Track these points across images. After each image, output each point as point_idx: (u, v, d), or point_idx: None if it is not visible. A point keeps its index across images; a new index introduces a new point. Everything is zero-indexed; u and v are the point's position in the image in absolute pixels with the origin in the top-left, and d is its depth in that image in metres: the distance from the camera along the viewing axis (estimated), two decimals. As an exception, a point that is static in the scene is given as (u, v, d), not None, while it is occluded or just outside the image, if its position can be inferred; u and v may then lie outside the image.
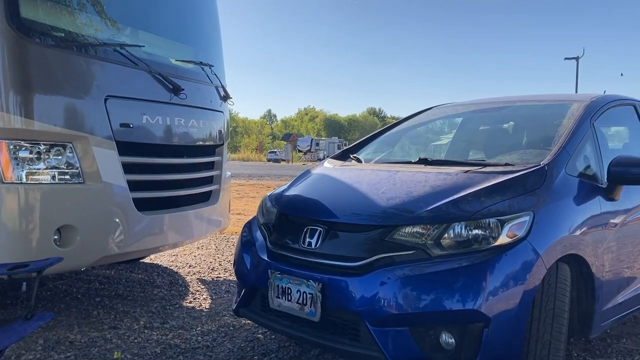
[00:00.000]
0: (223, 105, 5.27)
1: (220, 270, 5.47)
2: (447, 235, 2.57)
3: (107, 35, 4.16)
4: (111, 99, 3.87)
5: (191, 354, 3.27)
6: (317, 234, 2.80)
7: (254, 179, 21.58)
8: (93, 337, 3.46)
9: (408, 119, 4.51)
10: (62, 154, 3.64)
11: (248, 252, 3.16)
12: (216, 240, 7.09)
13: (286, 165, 47.54)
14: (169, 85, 4.34)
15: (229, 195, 5.48)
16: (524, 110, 4.12)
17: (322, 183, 3.40)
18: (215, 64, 5.15)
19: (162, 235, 4.31)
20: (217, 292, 4.66)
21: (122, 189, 3.89)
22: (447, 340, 2.48)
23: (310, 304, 2.67)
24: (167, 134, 4.37)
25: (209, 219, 4.91)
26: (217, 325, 3.78)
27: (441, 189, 2.84)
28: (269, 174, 26.29)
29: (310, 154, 62.08)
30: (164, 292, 4.61)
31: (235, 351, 3.33)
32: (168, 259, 5.84)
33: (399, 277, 2.50)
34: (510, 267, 2.50)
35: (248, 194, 14.35)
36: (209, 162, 4.99)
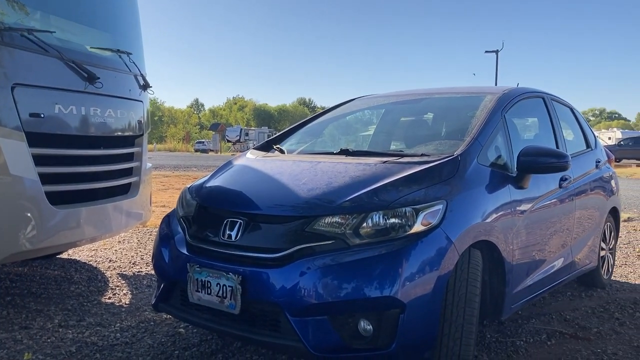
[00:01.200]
0: (142, 94, 5.11)
1: (142, 265, 5.32)
2: (365, 224, 2.62)
3: (14, 19, 3.92)
4: (19, 87, 3.65)
5: (109, 351, 3.17)
6: (237, 226, 2.78)
7: (180, 170, 21.12)
8: (1, 339, 3.28)
9: (332, 110, 4.55)
10: (-39, 146, 3.41)
11: (167, 246, 3.09)
12: (138, 234, 6.90)
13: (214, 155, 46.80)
14: (84, 73, 4.15)
15: (150, 187, 5.34)
16: (441, 101, 4.25)
17: (244, 174, 3.38)
18: (134, 51, 4.97)
19: (79, 230, 4.14)
20: (138, 287, 4.53)
21: (32, 182, 3.70)
22: (365, 327, 2.53)
23: (230, 296, 2.66)
24: (83, 124, 4.19)
25: (129, 212, 4.76)
26: (137, 320, 3.69)
27: (360, 180, 2.88)
28: (196, 164, 25.80)
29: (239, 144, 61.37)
30: (82, 288, 4.44)
31: (155, 347, 3.26)
32: (87, 254, 5.62)
33: (319, 267, 2.53)
34: (424, 254, 2.58)
35: (173, 185, 14.03)
36: (128, 153, 4.83)
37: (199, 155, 46.39)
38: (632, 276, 5.45)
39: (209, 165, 24.86)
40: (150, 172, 5.31)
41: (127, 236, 6.66)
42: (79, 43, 4.42)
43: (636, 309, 4.32)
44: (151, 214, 5.39)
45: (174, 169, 21.65)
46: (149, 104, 5.32)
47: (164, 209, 8.96)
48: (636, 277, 5.41)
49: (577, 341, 3.58)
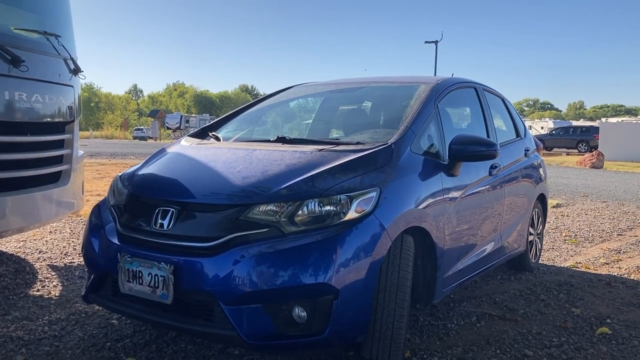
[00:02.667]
0: (73, 79, 4.91)
1: (74, 255, 5.15)
2: (300, 212, 2.62)
3: None
4: None
5: (35, 345, 3.06)
6: (170, 215, 2.73)
7: (118, 157, 20.50)
8: None
9: (270, 97, 4.52)
10: None
11: (97, 236, 3.00)
12: (71, 224, 6.66)
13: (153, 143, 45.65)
14: (7, 56, 3.94)
15: (82, 176, 5.16)
16: (378, 91, 4.30)
17: (177, 162, 3.31)
18: (63, 34, 4.76)
19: (4, 220, 3.95)
20: (69, 279, 4.39)
21: (-49, 170, 3.50)
22: (299, 314, 2.55)
23: (162, 286, 2.61)
24: (7, 109, 3.99)
25: (59, 201, 4.59)
26: (67, 313, 3.57)
27: (296, 167, 2.89)
28: (134, 152, 25.10)
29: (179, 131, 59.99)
30: (8, 280, 4.25)
31: (86, 339, 3.17)
32: (15, 245, 5.39)
33: (253, 255, 2.52)
34: (358, 240, 2.62)
35: (110, 173, 13.61)
36: (58, 140, 4.64)
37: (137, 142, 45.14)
38: (558, 260, 5.73)
39: (147, 153, 24.21)
40: (82, 159, 5.13)
41: (59, 226, 6.42)
42: (1, 24, 4.19)
43: (560, 291, 4.55)
44: (84, 203, 5.21)
45: (111, 156, 21.00)
46: (80, 89, 5.12)
47: (99, 197, 8.68)
48: (562, 261, 5.69)
49: (505, 322, 3.74)
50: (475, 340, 3.41)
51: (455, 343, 3.34)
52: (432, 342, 3.35)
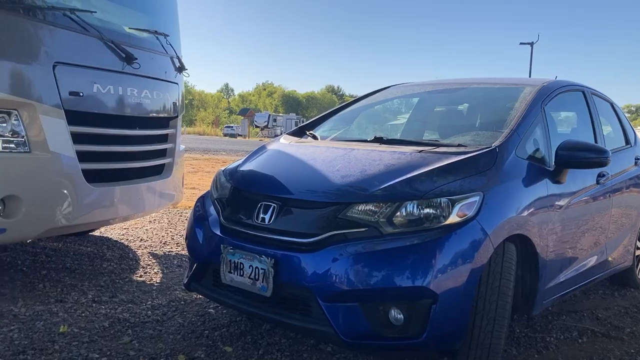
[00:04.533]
0: (178, 76, 5.15)
1: (172, 245, 5.40)
2: (399, 213, 2.60)
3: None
4: (60, 66, 3.71)
5: (140, 328, 3.23)
6: (271, 210, 2.79)
7: (210, 153, 21.30)
8: (38, 311, 3.37)
9: (365, 97, 4.52)
10: (6, 122, 3.49)
11: (201, 227, 3.12)
12: (169, 214, 6.99)
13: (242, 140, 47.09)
14: (122, 53, 4.20)
15: (182, 169, 5.40)
16: (478, 92, 4.19)
17: (277, 159, 3.39)
18: (171, 33, 5.01)
19: (113, 208, 4.21)
20: (168, 267, 4.60)
21: (70, 160, 3.77)
22: (396, 316, 2.53)
23: (262, 279, 2.68)
24: (119, 104, 4.25)
25: (162, 193, 4.83)
26: (167, 299, 3.75)
27: (395, 168, 2.86)
28: (225, 148, 25.99)
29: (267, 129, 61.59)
30: (114, 265, 4.53)
31: (185, 325, 3.31)
32: (119, 232, 5.73)
33: (351, 254, 2.53)
34: (458, 245, 2.56)
35: (203, 168, 14.17)
36: (163, 134, 4.89)
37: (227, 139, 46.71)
38: (667, 277, 5.32)
39: (237, 150, 25.02)
40: (183, 154, 5.37)
41: (158, 216, 6.75)
42: (117, 24, 4.46)
43: (671, 311, 4.22)
44: (182, 195, 5.45)
45: (204, 152, 21.85)
46: (183, 87, 5.36)
47: (193, 191, 9.06)
48: (671, 279, 5.27)
49: (609, 340, 3.52)
50: (576, 356, 3.23)
51: (555, 358, 3.19)
52: (529, 354, 3.21)
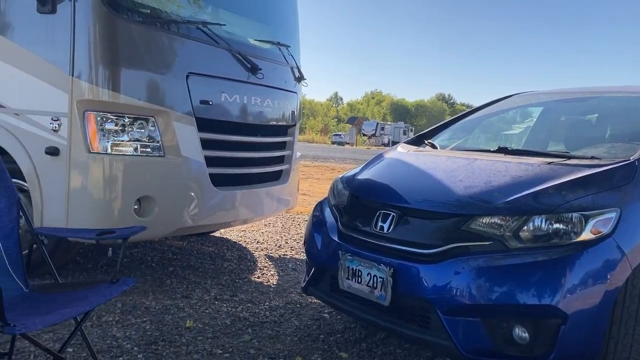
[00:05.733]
0: (297, 86, 5.31)
1: (286, 248, 5.56)
2: (526, 227, 2.50)
3: (189, 13, 4.27)
4: (192, 76, 3.97)
5: (259, 327, 3.35)
6: (390, 219, 2.79)
7: (319, 160, 21.71)
8: (167, 305, 3.61)
9: (486, 106, 4.39)
10: (144, 127, 3.79)
11: (319, 232, 3.19)
12: (282, 219, 7.21)
13: (350, 148, 47.50)
14: (248, 64, 4.41)
15: (298, 175, 5.55)
16: (612, 102, 3.92)
17: (396, 168, 3.38)
18: (292, 44, 5.18)
19: (234, 211, 4.42)
20: (284, 269, 4.74)
21: (199, 164, 4.01)
22: (520, 335, 2.42)
23: (380, 287, 2.68)
24: (244, 112, 4.46)
25: (279, 198, 4.99)
26: (284, 301, 3.86)
27: (522, 180, 2.75)
28: (334, 156, 26.36)
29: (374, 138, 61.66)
30: (233, 265, 4.74)
31: (302, 328, 3.39)
32: (237, 234, 5.99)
33: (474, 268, 2.46)
34: (592, 264, 2.40)
35: (313, 175, 14.46)
36: (281, 141, 5.06)
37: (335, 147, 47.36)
38: None
39: (345, 158, 25.29)
40: (299, 160, 5.52)
41: (272, 220, 6.98)
42: (243, 35, 4.70)
43: None
44: (297, 201, 5.60)
45: (313, 159, 22.30)
46: (301, 96, 5.52)
47: (304, 197, 9.27)
48: None
49: None
50: None
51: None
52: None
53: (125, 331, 3.14)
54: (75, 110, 3.57)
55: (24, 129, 3.70)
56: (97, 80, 3.57)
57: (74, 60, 3.56)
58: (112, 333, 3.10)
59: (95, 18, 3.55)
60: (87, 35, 3.54)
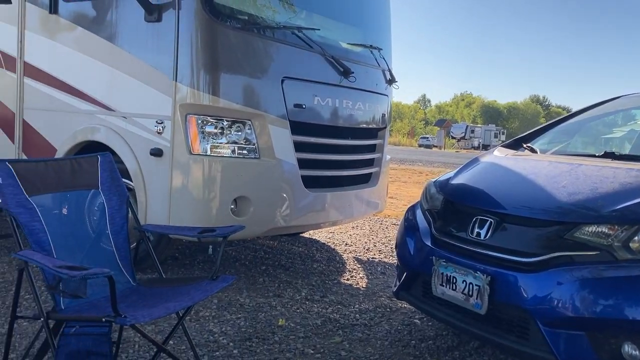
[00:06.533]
0: (388, 88, 5.29)
1: (374, 252, 5.54)
2: (637, 238, 2.34)
3: (284, 18, 4.37)
4: (287, 80, 4.06)
5: (350, 330, 3.36)
6: (487, 225, 2.70)
7: (406, 163, 21.48)
8: (260, 303, 3.70)
9: (590, 109, 4.15)
10: (241, 130, 3.91)
11: (411, 237, 3.15)
12: (370, 222, 7.19)
13: (438, 151, 46.63)
14: (340, 68, 4.44)
15: (387, 179, 5.52)
16: None
17: (493, 172, 3.28)
18: (384, 46, 5.17)
19: (324, 213, 4.47)
20: (372, 273, 4.73)
21: (292, 166, 4.09)
22: (630, 352, 2.27)
23: (476, 295, 2.60)
24: (335, 115, 4.50)
25: (368, 201, 4.99)
26: (374, 305, 3.85)
27: (632, 187, 2.59)
28: (421, 159, 25.99)
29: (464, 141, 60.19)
30: (323, 267, 4.79)
31: (392, 333, 3.36)
32: (325, 236, 6.05)
33: (579, 278, 2.34)
34: None
35: (400, 178, 14.33)
36: (372, 144, 5.06)
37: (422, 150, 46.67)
38: None
39: (433, 161, 24.85)
40: (388, 164, 5.49)
41: (360, 223, 6.99)
42: (336, 39, 4.74)
43: None
44: (386, 204, 5.57)
45: (400, 162, 22.10)
46: (392, 98, 5.49)
47: (391, 200, 9.20)
48: None
49: None
50: None
51: None
52: None
53: (221, 326, 3.25)
54: (178, 113, 3.75)
55: (131, 131, 3.94)
56: (199, 84, 3.74)
57: (177, 65, 3.75)
58: (209, 328, 3.22)
59: (198, 25, 3.72)
60: (190, 41, 3.71)
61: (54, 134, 4.35)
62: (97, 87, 4.12)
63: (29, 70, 4.48)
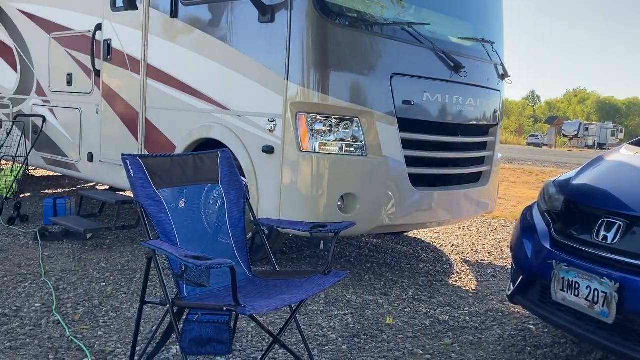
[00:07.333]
0: (500, 83, 5.09)
1: (484, 253, 5.36)
2: None
3: (393, 14, 4.33)
4: (396, 77, 4.02)
5: (460, 332, 3.27)
6: (615, 228, 2.51)
7: (514, 162, 20.57)
8: (366, 300, 3.70)
9: None
10: (349, 128, 3.93)
11: (529, 239, 3.00)
12: (478, 223, 6.96)
13: (548, 150, 44.24)
14: (451, 63, 4.34)
15: (498, 178, 5.31)
16: None
17: (621, 172, 3.04)
18: (496, 40, 4.98)
19: (431, 212, 4.38)
20: (482, 275, 4.57)
21: (399, 164, 4.05)
22: None
23: (602, 303, 2.43)
24: (444, 112, 4.40)
25: (478, 201, 4.83)
26: (484, 308, 3.72)
27: None
28: (530, 158, 24.79)
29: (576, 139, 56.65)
30: (429, 267, 4.70)
31: (505, 338, 3.23)
32: (431, 236, 5.93)
33: None
34: None
35: (508, 178, 13.74)
36: (482, 142, 4.89)
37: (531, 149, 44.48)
38: None
39: (544, 160, 23.63)
40: (499, 162, 5.28)
41: (467, 224, 6.78)
42: (446, 34, 4.63)
43: None
44: (496, 205, 5.36)
45: (507, 161, 21.21)
46: (504, 94, 5.27)
47: (499, 201, 8.83)
48: None
49: None
50: None
51: None
52: None
53: (330, 321, 3.29)
54: (288, 112, 3.84)
55: (245, 129, 4.08)
56: (309, 83, 3.79)
57: (289, 64, 3.83)
58: (317, 322, 3.27)
59: (309, 24, 3.78)
60: (301, 40, 3.78)
61: (174, 131, 4.61)
62: (213, 87, 4.31)
63: (151, 71, 4.78)
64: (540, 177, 14.25)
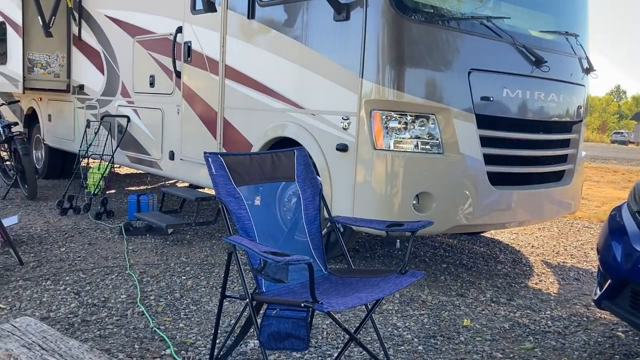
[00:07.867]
0: (585, 78, 4.85)
1: (565, 256, 5.12)
2: None
3: (470, 8, 4.21)
4: (474, 72, 3.92)
5: (541, 336, 3.14)
6: None
7: (597, 161, 19.57)
8: (442, 301, 3.63)
9: None
10: (425, 125, 3.86)
11: (618, 241, 2.84)
12: (558, 224, 6.67)
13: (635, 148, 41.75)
14: (532, 57, 4.18)
15: (582, 177, 5.07)
16: None
17: None
18: (580, 32, 4.75)
19: (511, 212, 4.23)
20: (564, 278, 4.37)
21: (477, 162, 3.94)
22: None
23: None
24: (525, 108, 4.24)
25: (560, 201, 4.62)
26: (568, 312, 3.55)
27: None
28: (615, 157, 23.49)
29: (667, 136, 53.10)
30: (508, 268, 4.55)
31: (591, 345, 3.07)
32: (509, 237, 5.74)
33: None
34: None
35: (591, 177, 13.08)
36: (565, 139, 4.68)
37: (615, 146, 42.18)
38: None
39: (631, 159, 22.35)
40: (584, 161, 5.03)
41: (547, 224, 6.52)
42: (527, 27, 4.45)
43: None
44: (580, 205, 5.12)
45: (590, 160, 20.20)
46: (589, 89, 5.02)
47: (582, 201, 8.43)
48: None
49: None
50: None
51: None
52: None
53: (405, 321, 3.25)
54: (363, 109, 3.82)
55: (319, 127, 4.10)
56: (384, 80, 3.76)
57: (364, 62, 3.81)
58: (392, 322, 3.24)
59: (385, 21, 3.74)
60: (377, 38, 3.75)
61: (250, 130, 4.71)
62: (288, 86, 4.36)
63: (229, 72, 4.90)
64: (627, 177, 13.48)
